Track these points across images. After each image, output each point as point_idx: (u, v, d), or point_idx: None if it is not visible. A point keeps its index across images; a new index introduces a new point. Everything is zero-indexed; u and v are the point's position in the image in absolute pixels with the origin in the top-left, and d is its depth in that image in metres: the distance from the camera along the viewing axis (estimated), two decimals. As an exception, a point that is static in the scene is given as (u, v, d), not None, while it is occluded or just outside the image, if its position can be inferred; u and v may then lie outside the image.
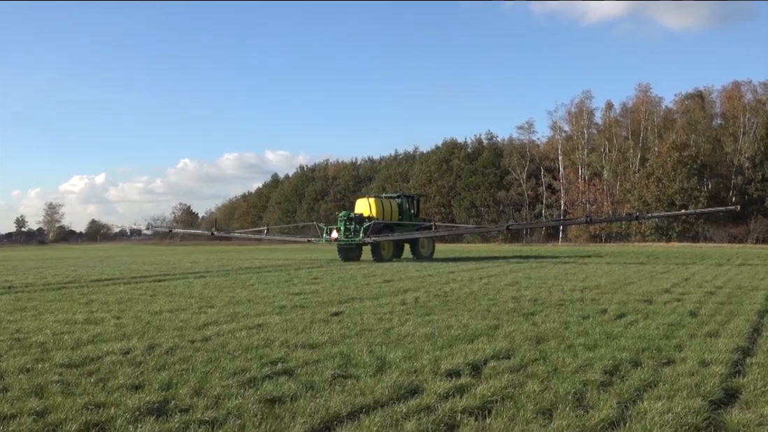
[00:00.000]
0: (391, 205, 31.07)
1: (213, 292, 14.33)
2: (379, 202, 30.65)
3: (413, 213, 32.63)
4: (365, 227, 28.77)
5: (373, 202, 30.53)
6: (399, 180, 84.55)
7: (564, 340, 7.91)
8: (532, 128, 77.36)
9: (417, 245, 30.79)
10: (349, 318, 10.01)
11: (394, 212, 30.90)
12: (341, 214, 30.51)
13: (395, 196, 33.30)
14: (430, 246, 31.78)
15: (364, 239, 28.49)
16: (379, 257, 28.54)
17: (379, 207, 30.27)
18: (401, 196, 33.01)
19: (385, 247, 29.20)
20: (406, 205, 32.13)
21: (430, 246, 31.78)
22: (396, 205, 31.45)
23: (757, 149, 59.32)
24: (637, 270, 20.38)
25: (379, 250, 28.64)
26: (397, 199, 32.34)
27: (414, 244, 30.91)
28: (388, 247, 29.55)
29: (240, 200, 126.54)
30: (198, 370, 6.45)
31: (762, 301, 11.76)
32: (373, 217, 29.79)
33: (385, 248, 29.20)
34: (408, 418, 4.98)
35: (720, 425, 4.87)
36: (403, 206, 31.88)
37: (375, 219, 29.62)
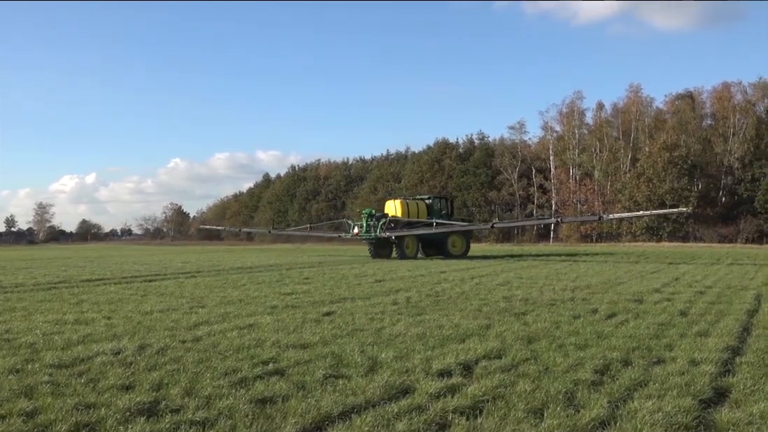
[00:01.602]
0: (417, 206, 32.40)
1: (204, 292, 14.30)
2: (404, 203, 32.21)
3: (446, 213, 33.27)
4: (381, 223, 30.62)
5: (398, 204, 32.22)
6: (391, 180, 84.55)
7: (555, 340, 7.93)
8: (523, 128, 77.63)
9: (446, 244, 31.66)
10: (341, 318, 10.00)
11: (421, 213, 32.14)
12: (364, 211, 32.60)
13: (426, 197, 34.49)
14: (463, 245, 32.17)
15: (380, 234, 30.44)
16: (402, 254, 30.15)
17: (404, 208, 31.80)
18: (432, 197, 34.39)
19: (409, 246, 30.70)
20: (437, 205, 33.41)
21: (463, 245, 32.17)
22: (424, 206, 32.64)
23: (746, 150, 59.66)
24: (627, 270, 20.45)
25: (402, 247, 30.29)
26: (428, 200, 33.67)
27: (442, 242, 31.83)
28: (412, 246, 30.95)
29: (231, 200, 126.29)
30: (189, 371, 6.43)
31: (751, 301, 11.83)
32: (396, 217, 31.46)
33: (409, 246, 30.72)
34: (399, 417, 4.98)
35: (710, 424, 4.89)
36: (434, 207, 33.12)
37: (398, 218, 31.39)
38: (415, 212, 31.92)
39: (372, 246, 31.60)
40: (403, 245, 30.47)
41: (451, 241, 31.76)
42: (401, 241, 30.47)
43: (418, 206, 32.32)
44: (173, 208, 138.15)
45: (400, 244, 30.45)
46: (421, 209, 32.22)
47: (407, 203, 32.51)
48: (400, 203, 32.28)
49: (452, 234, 31.64)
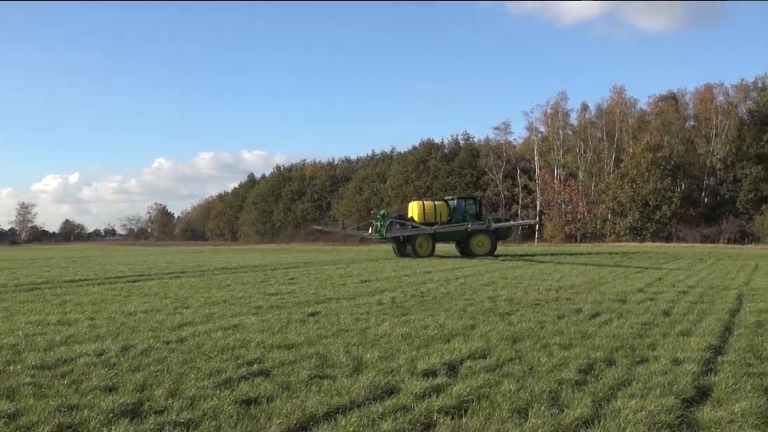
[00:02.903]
0: (435, 207, 32.69)
1: (188, 292, 14.23)
2: (420, 205, 32.85)
3: (472, 214, 33.25)
4: (388, 224, 31.88)
5: (415, 205, 33.11)
6: (376, 180, 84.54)
7: (539, 340, 7.97)
8: (508, 129, 77.83)
9: (468, 243, 32.12)
10: (326, 318, 9.99)
11: (440, 213, 32.42)
12: (379, 213, 33.93)
13: (451, 198, 34.88)
14: (488, 244, 32.20)
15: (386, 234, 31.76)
16: (414, 253, 31.09)
17: (420, 209, 32.46)
18: (456, 198, 34.78)
19: (423, 245, 31.53)
20: (463, 206, 33.63)
21: (488, 244, 32.20)
22: (443, 207, 32.90)
23: (728, 151, 60.17)
24: (611, 270, 20.58)
25: (414, 246, 31.24)
26: (452, 202, 34.03)
27: (464, 242, 32.38)
28: (426, 245, 31.70)
29: (216, 200, 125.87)
30: (173, 371, 6.41)
31: (733, 301, 11.94)
32: (412, 218, 32.56)
33: (423, 246, 31.53)
34: (384, 418, 4.99)
35: (692, 423, 4.94)
36: (460, 207, 33.43)
37: (412, 219, 32.43)
38: (432, 213, 32.29)
39: (396, 245, 32.61)
40: (415, 244, 31.40)
41: (476, 240, 32.09)
42: (413, 240, 31.46)
43: (435, 207, 32.62)
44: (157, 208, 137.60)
45: (412, 243, 31.41)
46: (439, 210, 32.47)
47: (424, 204, 32.98)
48: (416, 204, 33.09)
49: (477, 233, 31.93)
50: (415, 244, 31.51)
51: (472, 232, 31.89)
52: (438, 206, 32.73)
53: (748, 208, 57.24)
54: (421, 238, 31.71)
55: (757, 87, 64.72)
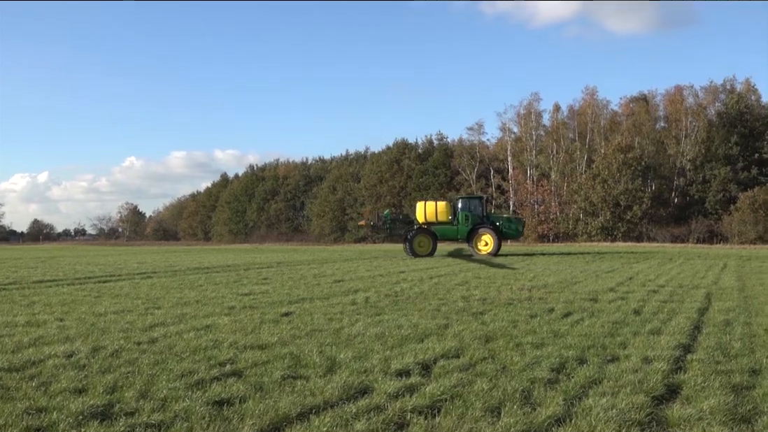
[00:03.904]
0: (437, 206, 32.88)
1: (160, 293, 14.09)
2: (422, 205, 33.28)
3: (477, 214, 33.00)
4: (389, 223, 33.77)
5: (419, 205, 33.54)
6: (350, 180, 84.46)
7: (512, 339, 8.01)
8: (481, 129, 78.55)
9: (470, 241, 32.22)
10: (299, 318, 9.96)
11: (442, 213, 32.49)
12: (384, 212, 35.40)
13: (459, 197, 35.28)
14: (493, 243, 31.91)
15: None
16: (412, 252, 31.76)
17: (421, 209, 32.90)
18: (461, 197, 35.03)
19: (423, 244, 32.08)
20: (468, 206, 33.48)
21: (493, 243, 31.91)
22: (445, 207, 32.98)
23: (698, 152, 61.09)
24: (583, 269, 20.77)
25: (413, 245, 31.90)
26: (459, 201, 34.14)
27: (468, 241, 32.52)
28: (427, 244, 32.12)
29: (189, 200, 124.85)
30: (144, 373, 6.34)
31: (702, 300, 12.11)
32: (414, 218, 33.66)
33: (423, 245, 32.06)
34: (358, 418, 4.98)
35: (662, 420, 5.00)
36: (465, 207, 33.27)
37: (415, 220, 33.40)
38: (434, 213, 32.47)
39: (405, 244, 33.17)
40: (413, 243, 31.98)
41: (483, 240, 32.02)
42: (413, 239, 32.07)
43: (437, 207, 32.78)
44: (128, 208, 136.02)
45: (410, 242, 32.03)
46: (441, 210, 32.55)
47: (425, 204, 33.31)
48: (420, 204, 33.55)
49: (483, 233, 31.95)
50: (413, 243, 32.05)
51: (478, 231, 31.96)
52: (439, 206, 32.89)
53: (716, 208, 58.20)
54: (420, 237, 32.20)
55: (726, 89, 65.91)
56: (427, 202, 33.80)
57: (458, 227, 32.33)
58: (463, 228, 32.26)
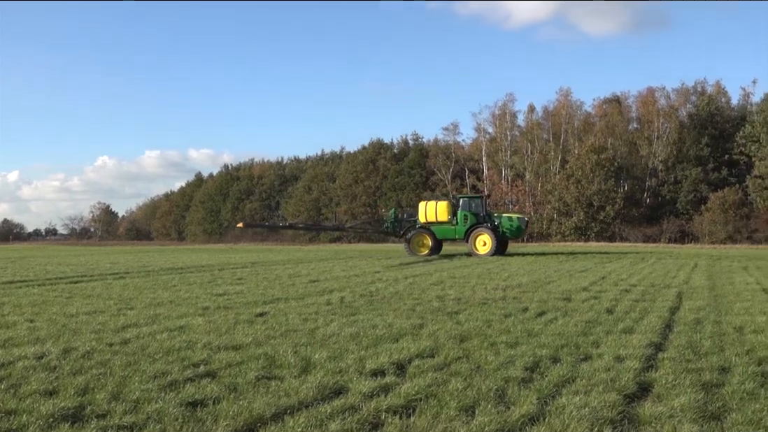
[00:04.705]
0: (437, 206, 32.96)
1: (133, 293, 13.95)
2: (423, 204, 33.65)
3: (476, 213, 32.80)
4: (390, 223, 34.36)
5: (421, 204, 33.83)
6: (325, 180, 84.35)
7: (487, 338, 8.05)
8: (457, 130, 78.59)
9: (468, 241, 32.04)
10: (274, 319, 9.92)
11: (441, 213, 32.49)
12: (390, 211, 35.91)
13: (461, 197, 35.07)
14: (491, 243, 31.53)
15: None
16: (410, 252, 32.34)
17: (423, 208, 33.12)
18: (461, 197, 34.92)
19: (423, 244, 32.43)
20: (468, 205, 33.30)
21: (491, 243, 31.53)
22: (445, 206, 32.93)
23: (669, 153, 61.91)
24: (557, 269, 20.94)
25: (411, 246, 32.49)
26: (456, 200, 34.30)
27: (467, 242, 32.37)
28: (426, 244, 32.37)
29: (162, 199, 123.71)
30: (116, 374, 6.27)
31: (673, 299, 12.27)
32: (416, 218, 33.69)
33: (423, 245, 32.37)
34: (333, 418, 4.97)
35: (633, 418, 5.05)
36: (465, 206, 33.11)
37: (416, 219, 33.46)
38: (434, 213, 32.51)
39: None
40: (412, 243, 32.49)
41: (481, 240, 31.79)
42: (412, 239, 32.57)
43: (437, 207, 32.80)
44: (101, 207, 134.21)
45: (410, 242, 32.58)
46: (441, 210, 32.51)
47: (426, 204, 33.52)
48: (422, 204, 33.78)
49: (481, 233, 31.76)
50: (412, 243, 32.54)
51: (479, 232, 31.76)
52: (440, 206, 32.91)
53: (687, 208, 59.08)
54: (419, 237, 32.54)
55: (697, 91, 67.00)
56: (428, 202, 34.04)
57: (456, 227, 32.25)
58: (461, 228, 32.12)
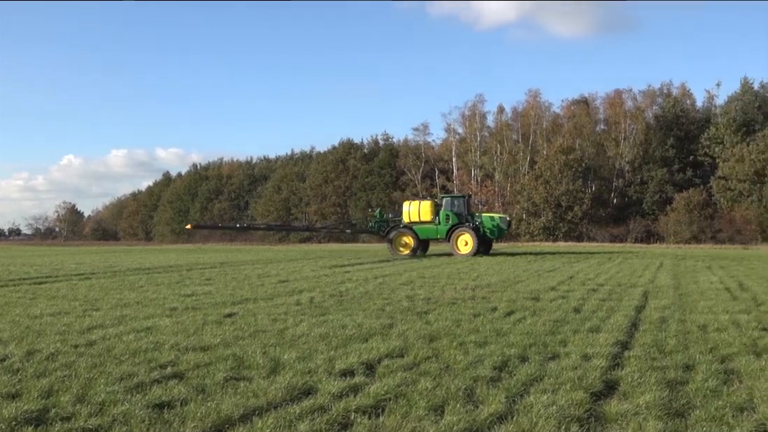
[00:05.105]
0: (420, 206, 33.05)
1: (99, 294, 13.75)
2: (407, 204, 33.85)
3: (459, 213, 32.72)
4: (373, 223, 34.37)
5: (404, 205, 33.99)
6: (295, 179, 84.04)
7: (456, 338, 8.08)
8: (427, 130, 78.87)
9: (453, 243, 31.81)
10: (243, 319, 9.85)
11: (424, 213, 32.54)
12: (376, 211, 35.70)
13: (443, 197, 35.21)
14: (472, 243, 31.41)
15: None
16: (393, 252, 32.43)
17: (407, 208, 33.27)
18: (444, 197, 35.01)
19: (407, 244, 32.36)
20: (450, 205, 33.24)
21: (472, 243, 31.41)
22: (428, 206, 32.93)
23: (636, 154, 62.77)
24: (525, 268, 21.10)
25: (394, 246, 32.50)
26: (438, 200, 34.53)
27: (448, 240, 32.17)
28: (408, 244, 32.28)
29: (129, 199, 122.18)
30: (81, 376, 6.18)
31: (639, 298, 12.44)
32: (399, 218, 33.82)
33: (407, 245, 32.33)
34: (301, 418, 4.96)
35: (600, 416, 5.11)
36: (448, 206, 33.06)
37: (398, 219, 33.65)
38: (417, 213, 32.59)
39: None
40: (394, 243, 32.47)
41: (463, 239, 31.76)
42: (394, 239, 32.54)
43: (420, 206, 32.88)
44: (66, 207, 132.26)
45: (392, 242, 32.55)
46: (424, 209, 32.57)
47: (410, 204, 33.67)
48: (405, 204, 33.96)
49: (462, 233, 31.73)
50: (394, 243, 32.55)
51: (460, 232, 31.73)
52: (423, 205, 32.98)
53: (653, 209, 59.97)
54: (401, 237, 32.52)
55: (663, 93, 68.04)
56: (412, 202, 34.18)
57: (438, 227, 32.29)
58: (443, 228, 32.15)
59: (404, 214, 33.04)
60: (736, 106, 59.32)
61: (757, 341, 7.88)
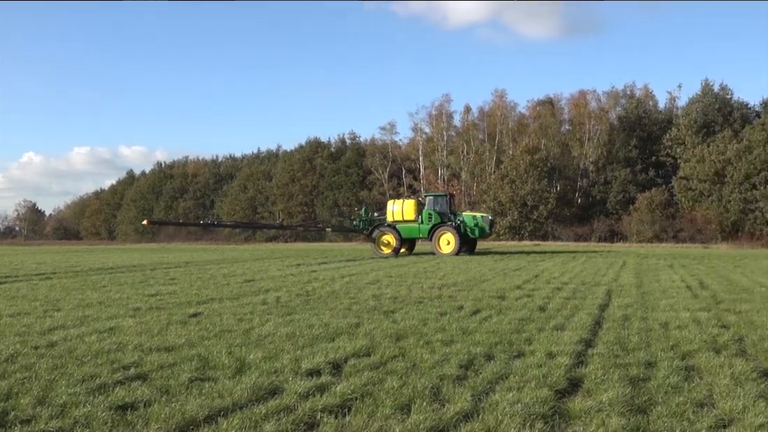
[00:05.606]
0: (404, 205, 33.03)
1: (60, 294, 13.50)
2: (391, 203, 33.99)
3: (441, 212, 32.61)
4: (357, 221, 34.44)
5: (388, 204, 34.14)
6: (261, 178, 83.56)
7: (422, 337, 8.11)
8: (394, 129, 79.05)
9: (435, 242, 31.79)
10: (208, 319, 9.76)
11: (408, 212, 32.54)
12: (361, 210, 35.53)
13: (426, 195, 34.87)
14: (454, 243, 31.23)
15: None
16: (375, 251, 32.59)
17: (390, 208, 33.38)
18: (427, 195, 34.78)
19: (389, 243, 32.35)
20: (433, 204, 33.11)
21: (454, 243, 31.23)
22: (411, 205, 32.92)
23: (600, 154, 63.70)
24: (491, 268, 21.25)
25: (377, 245, 32.68)
26: (421, 199, 34.41)
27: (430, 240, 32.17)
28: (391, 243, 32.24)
29: (92, 197, 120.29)
30: (42, 378, 6.06)
31: (603, 296, 12.60)
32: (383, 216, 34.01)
33: (389, 243, 32.33)
34: (267, 419, 4.92)
35: (564, 413, 5.16)
36: (431, 205, 32.95)
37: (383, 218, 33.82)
38: (400, 212, 32.56)
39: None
40: (377, 242, 32.62)
41: (445, 239, 31.61)
42: (377, 238, 32.70)
43: (404, 205, 32.84)
44: (26, 206, 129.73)
45: (375, 241, 32.78)
46: (407, 208, 32.53)
47: (394, 202, 33.69)
48: (389, 203, 34.01)
49: (444, 232, 31.61)
50: (377, 242, 32.68)
51: (442, 231, 31.64)
52: (406, 204, 32.95)
53: (617, 208, 60.90)
54: (384, 236, 32.52)
55: (626, 94, 69.19)
56: (396, 200, 34.19)
57: (420, 226, 32.27)
58: (425, 227, 32.15)
59: (388, 213, 33.04)
60: (696, 108, 60.51)
61: (716, 338, 8.03)
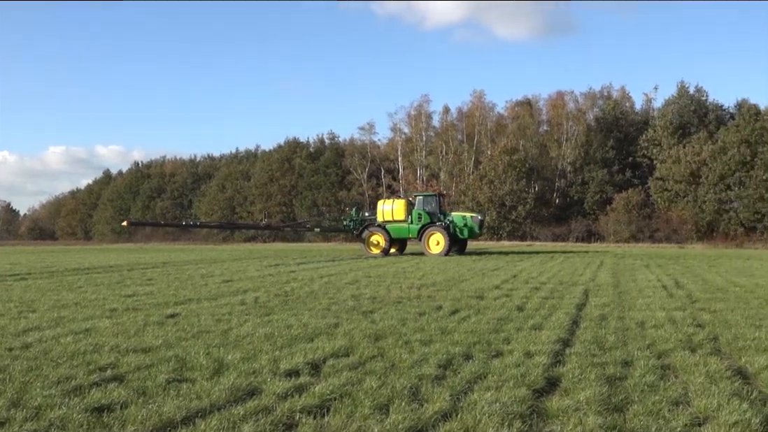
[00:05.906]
0: (393, 204, 32.99)
1: (35, 295, 13.34)
2: (381, 203, 33.99)
3: (431, 212, 32.50)
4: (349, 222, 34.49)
5: (379, 204, 34.19)
6: (240, 178, 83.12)
7: (401, 337, 8.12)
8: (373, 129, 78.88)
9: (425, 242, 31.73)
10: (186, 320, 9.69)
11: (397, 212, 32.48)
12: (352, 210, 35.64)
13: (416, 195, 34.75)
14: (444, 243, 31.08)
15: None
16: (366, 252, 32.66)
17: (380, 208, 33.38)
18: (416, 195, 34.68)
19: (379, 243, 32.37)
20: (423, 204, 33.01)
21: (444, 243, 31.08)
22: (401, 205, 32.83)
23: (577, 155, 64.13)
24: (470, 267, 21.32)
25: (366, 245, 32.80)
26: (411, 198, 34.33)
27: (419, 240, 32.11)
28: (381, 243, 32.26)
29: (68, 197, 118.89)
30: (16, 380, 5.99)
31: (580, 296, 12.70)
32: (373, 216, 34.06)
33: (379, 243, 32.35)
34: (246, 420, 4.90)
35: (542, 412, 5.20)
36: (421, 205, 32.86)
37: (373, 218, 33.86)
38: (390, 211, 32.51)
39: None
40: (366, 243, 32.67)
41: (434, 239, 31.48)
42: (366, 238, 32.77)
43: (393, 205, 32.78)
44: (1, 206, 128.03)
45: (365, 242, 32.83)
46: (397, 208, 32.48)
47: (384, 202, 33.68)
48: (380, 203, 34.03)
49: (433, 232, 31.49)
50: (366, 242, 32.76)
51: (432, 231, 31.57)
52: (396, 204, 32.89)
53: (594, 209, 61.36)
54: (374, 236, 32.54)
55: (603, 95, 69.73)
56: (386, 200, 34.15)
57: (410, 226, 32.23)
58: (414, 227, 32.11)
59: (379, 213, 33.01)
60: (672, 110, 61.19)
61: (692, 337, 8.13)
